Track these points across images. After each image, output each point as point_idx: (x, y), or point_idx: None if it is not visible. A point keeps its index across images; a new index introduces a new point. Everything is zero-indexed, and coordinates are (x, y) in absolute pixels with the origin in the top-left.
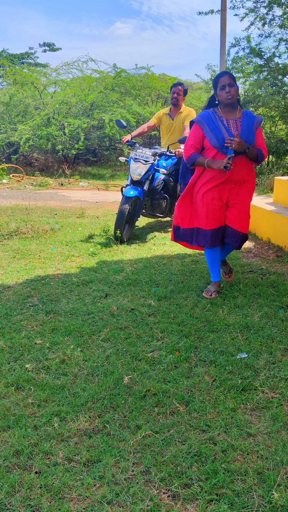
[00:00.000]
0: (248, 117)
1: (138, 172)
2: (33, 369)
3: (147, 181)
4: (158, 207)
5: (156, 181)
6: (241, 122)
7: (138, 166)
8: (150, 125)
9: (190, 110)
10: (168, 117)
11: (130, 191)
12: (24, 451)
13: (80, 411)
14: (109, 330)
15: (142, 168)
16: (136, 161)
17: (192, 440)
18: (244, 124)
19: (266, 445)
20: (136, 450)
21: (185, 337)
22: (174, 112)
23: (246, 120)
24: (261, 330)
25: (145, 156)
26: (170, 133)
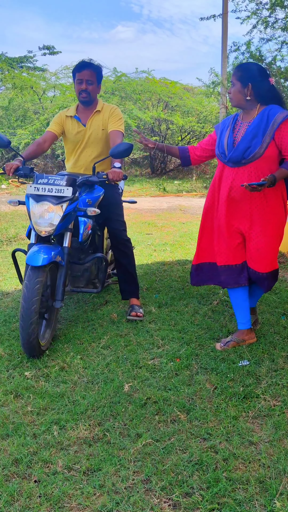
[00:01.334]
0: (264, 114)
1: (47, 221)
2: (32, 376)
3: (67, 233)
4: (88, 276)
5: (83, 231)
6: (251, 123)
7: (46, 208)
8: (48, 138)
9: (112, 107)
10: (75, 122)
11: (38, 256)
12: (23, 460)
13: (80, 419)
14: (109, 337)
15: (55, 212)
16: (40, 200)
17: (193, 448)
18: (252, 126)
19: (268, 453)
20: (136, 458)
21: (186, 344)
22: (85, 113)
23: (258, 119)
24: (263, 337)
25: (56, 188)
26: (82, 148)
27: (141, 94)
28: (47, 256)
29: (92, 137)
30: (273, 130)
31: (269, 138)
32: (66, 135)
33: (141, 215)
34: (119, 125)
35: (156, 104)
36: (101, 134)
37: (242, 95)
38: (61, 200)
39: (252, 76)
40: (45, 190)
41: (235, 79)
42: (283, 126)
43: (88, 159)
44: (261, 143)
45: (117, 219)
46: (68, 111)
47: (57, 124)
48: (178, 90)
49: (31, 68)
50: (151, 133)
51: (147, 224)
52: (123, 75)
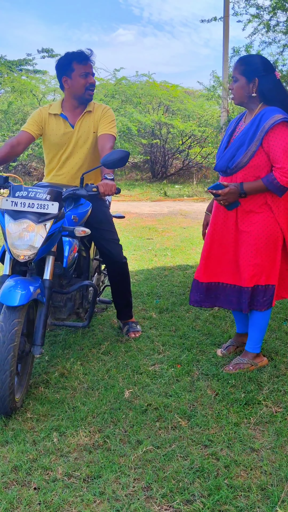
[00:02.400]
0: (256, 120)
1: (27, 243)
2: (32, 383)
3: (50, 257)
4: (71, 306)
5: (69, 254)
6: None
7: (26, 227)
8: (23, 139)
9: (105, 107)
10: (61, 121)
11: (14, 293)
12: (22, 467)
13: (80, 426)
14: (109, 343)
15: (36, 232)
16: (18, 217)
17: (194, 455)
18: (241, 134)
19: (270, 460)
20: (137, 465)
21: (187, 350)
22: (74, 112)
23: (248, 125)
24: (265, 343)
25: (39, 203)
26: (69, 153)
27: (141, 97)
28: (26, 293)
29: (81, 141)
30: (260, 137)
31: (255, 146)
32: (47, 137)
33: (141, 219)
34: (111, 127)
35: (157, 107)
36: (92, 138)
37: (246, 92)
38: (45, 218)
39: (257, 69)
40: (25, 205)
41: (238, 74)
42: (271, 133)
43: (75, 167)
44: (246, 151)
45: (111, 238)
46: (52, 107)
47: (35, 123)
48: (179, 94)
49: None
50: (152, 137)
51: (148, 229)
52: (123, 78)
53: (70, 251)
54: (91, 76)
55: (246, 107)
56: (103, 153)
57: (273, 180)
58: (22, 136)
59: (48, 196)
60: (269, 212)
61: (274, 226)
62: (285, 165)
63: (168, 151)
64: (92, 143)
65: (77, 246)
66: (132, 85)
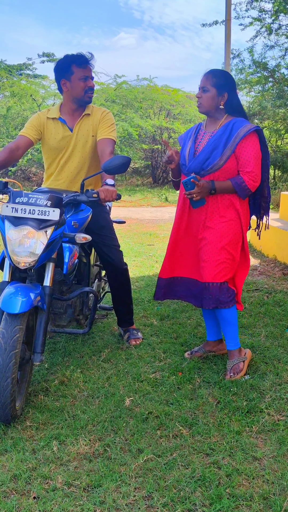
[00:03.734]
0: (228, 127)
1: (28, 250)
2: (31, 391)
3: (50, 264)
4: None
5: (69, 260)
6: (213, 134)
7: (26, 234)
8: (22, 143)
9: (104, 111)
10: (59, 125)
11: (15, 300)
12: (22, 476)
13: (80, 434)
14: (110, 350)
15: (37, 238)
16: (19, 224)
17: (195, 464)
18: (214, 137)
19: (272, 469)
20: (137, 474)
21: (188, 358)
22: (73, 115)
23: (221, 131)
24: (267, 351)
25: (40, 210)
26: (67, 157)
27: (142, 102)
28: (27, 300)
29: (80, 144)
30: (235, 143)
31: (229, 151)
32: (46, 141)
33: (142, 225)
34: (110, 131)
35: (158, 112)
36: (91, 142)
37: (215, 103)
38: (46, 224)
39: (228, 85)
40: (25, 212)
41: (209, 85)
42: (244, 140)
43: (74, 172)
44: (221, 155)
45: (112, 244)
46: (50, 112)
47: (33, 128)
48: (180, 98)
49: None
50: (153, 142)
51: (149, 235)
52: (124, 82)
53: (71, 258)
54: (90, 80)
55: (211, 116)
56: (103, 158)
57: (241, 182)
58: (21, 141)
59: (49, 203)
60: (236, 214)
61: (238, 227)
62: (254, 169)
63: None
64: (91, 147)
65: (77, 252)
66: (133, 89)
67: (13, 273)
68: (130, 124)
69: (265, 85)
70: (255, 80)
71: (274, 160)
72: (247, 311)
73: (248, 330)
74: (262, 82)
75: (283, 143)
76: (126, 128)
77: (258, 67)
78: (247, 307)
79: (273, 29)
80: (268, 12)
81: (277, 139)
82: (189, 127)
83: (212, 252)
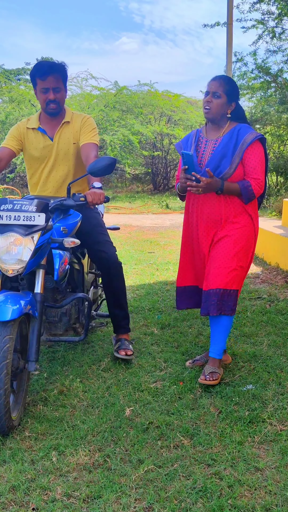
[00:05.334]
0: (233, 134)
1: (15, 257)
2: (30, 400)
3: (40, 271)
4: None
5: (59, 267)
6: (219, 142)
7: (13, 241)
8: (4, 155)
9: (84, 116)
10: (39, 135)
11: (5, 308)
12: (20, 487)
13: (80, 445)
14: (109, 359)
15: (24, 245)
16: (5, 231)
17: (197, 475)
18: (220, 145)
19: (275, 480)
20: (138, 485)
21: (189, 366)
22: (51, 124)
23: (227, 139)
24: (269, 360)
25: (25, 216)
26: (51, 166)
27: (143, 107)
28: (17, 307)
29: (62, 153)
30: (242, 151)
31: (238, 159)
32: (27, 151)
33: (143, 233)
34: (92, 136)
35: (159, 118)
36: (73, 149)
37: (223, 110)
38: (32, 230)
39: (237, 95)
40: (10, 218)
41: (221, 91)
42: (250, 147)
43: (60, 180)
44: (231, 163)
45: (104, 240)
46: (29, 122)
47: (14, 139)
48: (181, 104)
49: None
50: (153, 149)
51: (149, 242)
52: (124, 88)
53: (61, 264)
54: (51, 92)
55: (215, 123)
56: (87, 163)
57: (248, 186)
58: (3, 152)
59: (35, 208)
60: (249, 219)
61: (252, 233)
62: (260, 176)
63: (170, 162)
64: (73, 154)
65: (68, 258)
66: (133, 95)
67: (4, 283)
68: (131, 130)
69: (268, 90)
70: (258, 86)
71: (277, 167)
72: (249, 320)
73: (250, 339)
74: (264, 88)
75: (286, 149)
76: (126, 135)
77: (261, 71)
78: (249, 315)
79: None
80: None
81: (280, 144)
82: None
83: (225, 259)
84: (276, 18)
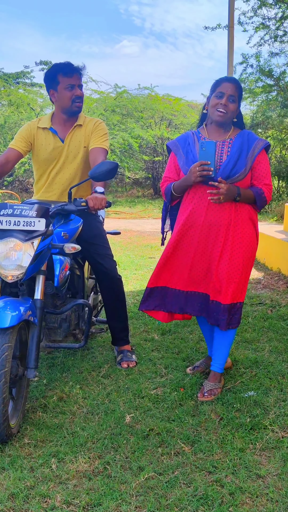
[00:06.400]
0: (244, 138)
1: (15, 263)
2: (29, 407)
3: (40, 277)
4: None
5: (60, 273)
6: (230, 145)
7: (13, 246)
8: (11, 157)
9: (97, 121)
10: (50, 135)
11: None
12: (19, 494)
13: (79, 452)
14: (109, 365)
15: (24, 250)
16: (4, 236)
17: (198, 482)
18: (235, 147)
19: (277, 487)
20: (138, 493)
21: (190, 373)
22: (64, 125)
23: (238, 142)
24: (271, 366)
25: (25, 221)
26: (58, 169)
27: (143, 111)
28: (17, 314)
29: (71, 156)
30: (254, 155)
31: (250, 162)
32: (36, 152)
33: (143, 237)
34: (103, 141)
35: (159, 122)
36: (82, 153)
37: (234, 116)
38: (32, 236)
39: (241, 98)
40: (10, 223)
41: (237, 96)
42: (261, 154)
43: (65, 183)
44: (245, 165)
45: (105, 253)
46: (41, 121)
47: (23, 140)
48: (182, 107)
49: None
50: (154, 153)
51: (150, 247)
52: (124, 91)
53: (61, 270)
54: (78, 88)
55: (221, 126)
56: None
57: (262, 193)
58: (10, 154)
59: (35, 213)
60: (254, 229)
61: (255, 242)
62: (270, 182)
63: None
64: (82, 158)
65: (68, 264)
66: (134, 98)
67: (3, 289)
68: (131, 134)
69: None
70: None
71: (278, 171)
72: (250, 326)
73: (251, 345)
74: (266, 91)
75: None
76: (127, 139)
77: (263, 75)
78: (250, 321)
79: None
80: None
81: (282, 149)
82: None
83: (236, 273)
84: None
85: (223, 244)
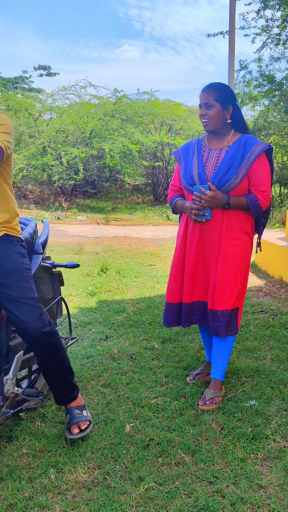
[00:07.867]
0: (241, 144)
1: None
2: (27, 417)
3: None
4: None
5: None
6: (225, 153)
7: None
8: None
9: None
10: None
11: None
12: (18, 505)
13: (79, 462)
14: (109, 374)
15: None
16: None
17: (198, 492)
18: (227, 156)
19: (278, 497)
20: (138, 503)
21: (191, 382)
22: None
23: (234, 150)
24: (273, 375)
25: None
26: None
27: (143, 116)
28: None
29: None
30: (249, 162)
31: (245, 170)
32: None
33: (143, 245)
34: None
35: (159, 127)
36: None
37: (222, 118)
38: None
39: (230, 97)
40: None
41: (212, 100)
42: (258, 160)
43: None
44: (237, 174)
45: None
46: None
47: None
48: (182, 112)
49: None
50: (154, 159)
51: (150, 255)
52: (124, 96)
53: None
54: None
55: (218, 133)
56: None
57: (256, 200)
58: None
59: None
60: (247, 237)
61: (250, 250)
62: (268, 189)
63: (171, 173)
64: None
65: None
66: (133, 103)
67: None
68: (130, 139)
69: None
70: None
71: (280, 177)
72: (252, 334)
73: (253, 354)
74: (268, 96)
75: None
76: (126, 144)
77: (265, 79)
78: (252, 329)
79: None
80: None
81: (283, 155)
82: None
83: (229, 278)
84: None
85: (217, 253)
